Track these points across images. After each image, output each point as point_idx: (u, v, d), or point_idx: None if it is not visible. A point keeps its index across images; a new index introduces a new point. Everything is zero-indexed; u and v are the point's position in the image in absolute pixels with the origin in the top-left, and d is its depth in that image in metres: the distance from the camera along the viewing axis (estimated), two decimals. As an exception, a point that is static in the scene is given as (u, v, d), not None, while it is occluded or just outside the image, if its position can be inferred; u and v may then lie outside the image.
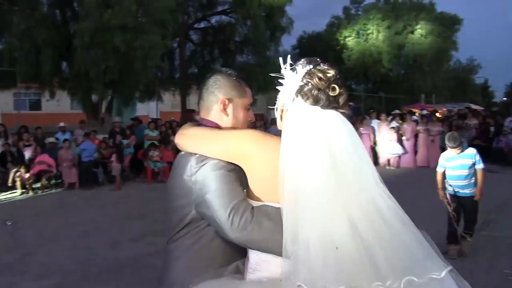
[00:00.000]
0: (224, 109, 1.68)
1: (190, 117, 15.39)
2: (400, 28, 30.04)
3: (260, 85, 18.21)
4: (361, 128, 14.48)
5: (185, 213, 1.57)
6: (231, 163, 1.48)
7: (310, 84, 1.38)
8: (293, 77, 1.43)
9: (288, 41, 29.38)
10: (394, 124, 14.99)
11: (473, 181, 5.39)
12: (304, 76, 1.40)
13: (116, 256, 5.71)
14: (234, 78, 1.72)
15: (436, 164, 13.86)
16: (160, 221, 7.31)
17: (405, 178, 11.79)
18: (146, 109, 21.79)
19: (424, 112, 17.24)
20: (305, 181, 1.29)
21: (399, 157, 14.16)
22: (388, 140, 14.21)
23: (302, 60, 1.46)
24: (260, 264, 1.44)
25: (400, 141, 14.18)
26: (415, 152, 14.42)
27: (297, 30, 32.33)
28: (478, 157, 5.43)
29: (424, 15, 30.23)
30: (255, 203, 1.45)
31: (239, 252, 1.55)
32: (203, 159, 1.51)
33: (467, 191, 5.40)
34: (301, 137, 1.34)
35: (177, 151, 1.78)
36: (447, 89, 37.21)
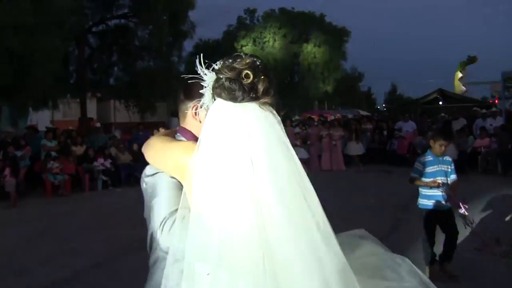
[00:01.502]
0: (196, 115, 1.54)
1: (90, 126, 14.41)
2: (296, 37, 31.39)
3: (163, 92, 17.69)
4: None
5: (148, 227, 1.49)
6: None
7: (222, 77, 1.26)
8: (208, 75, 1.31)
9: (190, 47, 29.06)
10: (298, 129, 15.54)
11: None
12: (216, 70, 1.29)
13: (28, 285, 5.04)
14: (197, 78, 1.50)
15: (340, 167, 14.64)
16: (71, 239, 6.69)
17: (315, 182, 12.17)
18: (35, 118, 19.89)
19: (330, 117, 18.08)
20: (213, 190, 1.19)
21: (305, 162, 14.65)
22: (293, 145, 14.58)
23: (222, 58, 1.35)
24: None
25: (304, 146, 14.69)
26: (319, 156, 15.04)
27: (198, 35, 32.20)
28: (453, 166, 4.76)
29: (316, 25, 32.02)
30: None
31: None
32: (154, 169, 1.48)
33: (444, 204, 4.58)
34: (216, 139, 1.22)
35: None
36: (337, 96, 39.62)
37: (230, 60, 1.28)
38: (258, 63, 1.27)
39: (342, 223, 5.69)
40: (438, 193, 4.52)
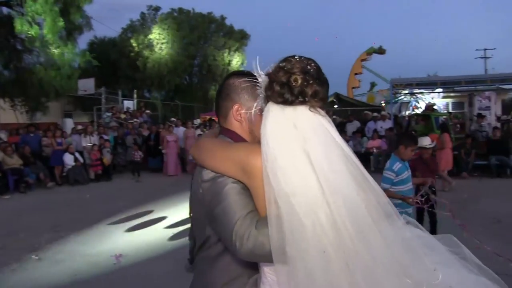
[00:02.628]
0: (239, 115, 1.58)
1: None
2: (195, 39, 31.32)
3: (56, 90, 16.51)
4: (168, 136, 14.62)
5: (203, 226, 1.52)
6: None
7: (273, 81, 1.31)
8: (262, 79, 1.37)
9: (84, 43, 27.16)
10: (200, 131, 15.56)
11: None
12: (269, 74, 1.35)
13: None
14: (248, 79, 1.56)
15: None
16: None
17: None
18: None
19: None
20: (287, 185, 1.23)
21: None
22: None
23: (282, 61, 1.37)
24: (273, 285, 1.38)
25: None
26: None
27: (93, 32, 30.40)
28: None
29: (216, 28, 32.33)
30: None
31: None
32: (212, 174, 1.44)
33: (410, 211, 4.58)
34: (275, 141, 1.26)
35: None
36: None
37: (282, 64, 1.30)
38: (309, 67, 1.29)
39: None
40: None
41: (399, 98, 19.77)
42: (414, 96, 20.01)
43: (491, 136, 13.48)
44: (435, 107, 17.14)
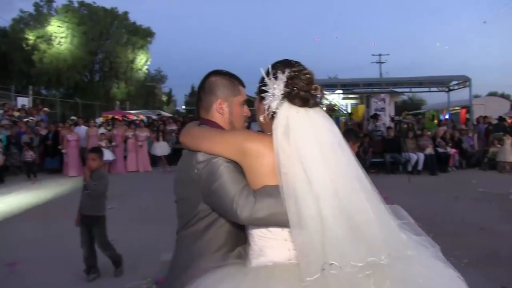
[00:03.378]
0: (221, 108, 1.89)
1: None
2: (97, 34, 29.84)
3: None
4: (68, 135, 13.82)
5: (194, 205, 1.77)
6: (229, 159, 1.66)
7: (296, 88, 1.56)
8: (277, 84, 1.59)
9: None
10: (103, 130, 14.89)
11: None
12: (288, 81, 1.58)
13: None
14: (228, 78, 1.92)
15: (146, 168, 14.51)
16: None
17: (124, 184, 11.87)
18: None
19: (132, 118, 17.68)
20: (302, 169, 1.49)
21: (110, 163, 14.12)
22: (98, 147, 13.93)
23: (277, 65, 1.65)
24: (264, 249, 1.61)
25: (109, 147, 14.17)
26: (124, 157, 14.70)
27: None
28: None
29: (119, 24, 31.06)
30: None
31: (244, 238, 1.74)
32: (207, 156, 1.69)
33: None
34: (296, 134, 1.52)
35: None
36: (139, 97, 39.11)
37: (295, 73, 1.59)
38: (313, 74, 1.61)
39: (160, 224, 5.77)
40: None
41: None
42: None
43: (386, 135, 14.52)
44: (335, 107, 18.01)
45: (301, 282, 1.42)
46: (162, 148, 15.49)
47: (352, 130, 7.70)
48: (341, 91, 19.69)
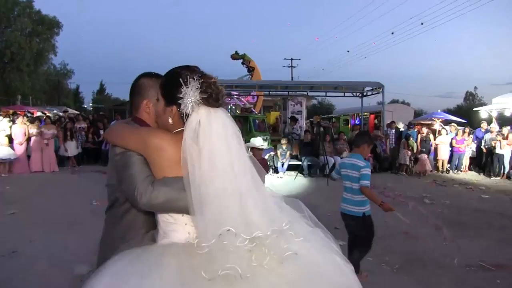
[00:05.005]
0: (148, 107, 2.16)
1: None
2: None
3: None
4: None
5: (113, 190, 2.05)
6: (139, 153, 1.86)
7: (210, 92, 1.73)
8: (192, 90, 1.73)
9: None
10: (8, 123, 13.57)
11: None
12: (202, 87, 1.73)
13: None
14: (155, 79, 2.12)
15: (53, 168, 13.41)
16: None
17: (27, 186, 10.76)
18: None
19: (36, 114, 16.31)
20: (209, 164, 1.66)
21: (10, 162, 12.81)
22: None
23: (183, 71, 1.79)
24: (167, 233, 1.79)
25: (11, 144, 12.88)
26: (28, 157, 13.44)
27: None
28: None
29: (21, 11, 28.51)
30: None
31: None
32: (122, 149, 1.91)
33: None
34: (209, 131, 1.69)
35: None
36: (43, 92, 36.46)
37: (209, 80, 1.76)
38: (217, 78, 1.81)
39: (71, 231, 5.18)
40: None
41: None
42: (231, 98, 20.72)
43: (303, 138, 14.73)
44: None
45: (192, 257, 1.60)
46: (71, 148, 14.40)
47: (367, 132, 7.72)
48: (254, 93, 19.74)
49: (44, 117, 16.98)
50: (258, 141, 6.16)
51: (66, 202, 8.63)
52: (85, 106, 59.22)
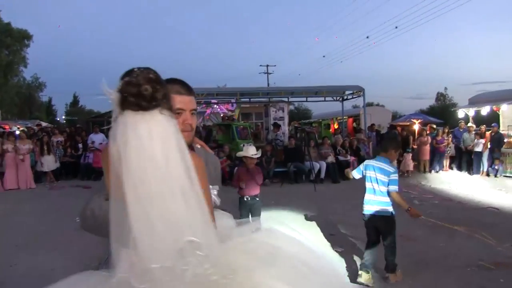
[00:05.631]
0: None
1: None
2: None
3: None
4: None
5: None
6: None
7: (125, 94, 1.44)
8: (114, 95, 1.46)
9: None
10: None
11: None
12: (120, 89, 1.45)
13: None
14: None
15: (29, 185, 12.92)
16: None
17: (2, 204, 10.29)
18: None
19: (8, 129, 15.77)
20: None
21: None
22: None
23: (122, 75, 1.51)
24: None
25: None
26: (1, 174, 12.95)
27: None
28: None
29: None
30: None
31: None
32: None
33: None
34: (126, 141, 1.41)
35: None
36: (14, 104, 35.51)
37: (128, 79, 1.45)
38: (151, 75, 1.48)
39: (53, 251, 4.89)
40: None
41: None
42: (211, 106, 20.54)
43: (287, 144, 14.62)
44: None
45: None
46: (48, 162, 13.91)
47: (395, 138, 7.66)
48: (233, 100, 19.58)
49: (19, 131, 16.43)
50: (252, 150, 6.02)
51: (48, 220, 8.22)
52: (58, 119, 58.00)
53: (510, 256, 5.70)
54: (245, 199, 5.95)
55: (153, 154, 1.43)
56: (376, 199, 4.84)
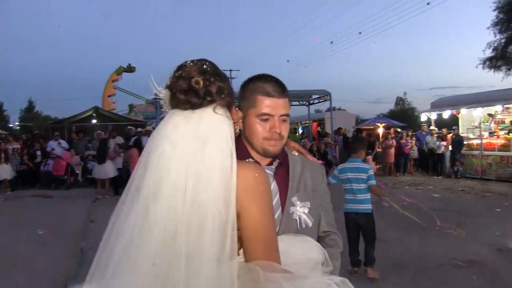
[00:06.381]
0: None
1: None
2: None
3: None
4: None
5: None
6: None
7: (175, 91, 1.25)
8: (163, 93, 1.28)
9: None
10: None
11: None
12: (170, 85, 1.27)
13: None
14: (252, 84, 1.61)
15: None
16: None
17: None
18: None
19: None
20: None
21: None
22: None
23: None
24: None
25: None
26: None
27: None
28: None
29: None
30: None
31: None
32: None
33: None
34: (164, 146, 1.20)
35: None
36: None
37: (178, 73, 1.26)
38: (205, 66, 1.27)
39: (15, 264, 4.54)
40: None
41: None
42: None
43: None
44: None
45: None
46: (4, 171, 13.22)
47: (361, 138, 7.82)
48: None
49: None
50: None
51: (6, 234, 7.57)
52: (11, 125, 55.49)
53: (480, 254, 5.82)
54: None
55: (177, 171, 1.16)
56: (357, 198, 5.00)
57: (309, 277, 1.21)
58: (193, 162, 1.16)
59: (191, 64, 1.28)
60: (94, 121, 21.15)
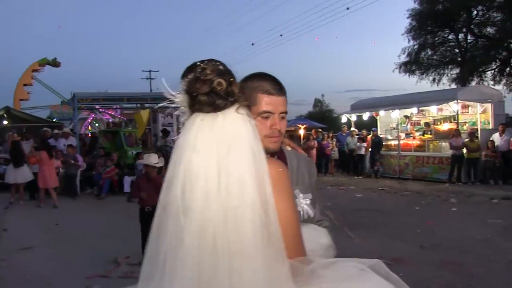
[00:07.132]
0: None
1: None
2: None
3: None
4: None
5: None
6: None
7: (196, 94, 1.20)
8: (180, 97, 1.22)
9: None
10: None
11: None
12: (187, 88, 1.21)
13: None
14: (251, 82, 1.60)
15: None
16: None
17: None
18: None
19: None
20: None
21: None
22: None
23: (185, 71, 1.26)
24: None
25: None
26: None
27: None
28: None
29: None
30: None
31: None
32: None
33: None
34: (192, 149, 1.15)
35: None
36: None
37: (193, 75, 1.21)
38: (220, 67, 1.24)
39: None
40: None
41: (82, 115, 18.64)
42: (96, 112, 19.31)
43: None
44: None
45: None
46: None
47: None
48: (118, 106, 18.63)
49: None
50: (154, 158, 5.60)
51: None
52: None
53: (404, 251, 6.05)
54: (146, 210, 5.44)
55: (206, 177, 1.11)
56: None
57: (337, 261, 1.23)
58: (222, 166, 1.12)
59: (205, 65, 1.24)
60: (5, 122, 19.51)
